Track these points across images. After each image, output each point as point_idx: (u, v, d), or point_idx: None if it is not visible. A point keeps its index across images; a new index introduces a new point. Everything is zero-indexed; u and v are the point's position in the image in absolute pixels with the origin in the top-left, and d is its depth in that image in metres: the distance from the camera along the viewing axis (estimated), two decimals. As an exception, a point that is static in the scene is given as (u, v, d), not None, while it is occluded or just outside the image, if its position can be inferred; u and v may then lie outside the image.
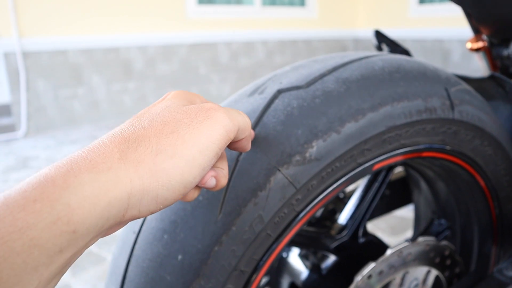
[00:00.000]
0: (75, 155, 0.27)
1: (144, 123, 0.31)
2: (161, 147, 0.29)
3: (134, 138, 0.29)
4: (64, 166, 0.25)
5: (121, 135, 0.29)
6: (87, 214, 0.24)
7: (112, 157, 0.27)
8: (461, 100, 0.57)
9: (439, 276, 0.66)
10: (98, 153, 0.27)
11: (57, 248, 0.23)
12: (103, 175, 0.26)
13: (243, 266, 0.45)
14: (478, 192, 0.70)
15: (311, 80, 0.49)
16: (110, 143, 0.28)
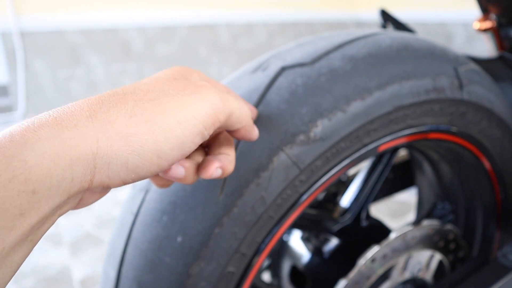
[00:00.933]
0: (43, 113, 0.25)
1: (126, 90, 0.29)
2: (137, 110, 0.27)
3: (110, 100, 0.27)
4: (26, 122, 0.23)
5: (97, 98, 0.27)
6: (46, 172, 0.22)
7: (81, 115, 0.25)
8: (470, 80, 0.55)
9: (442, 260, 0.65)
10: (66, 111, 0.25)
11: (16, 210, 0.21)
12: (66, 132, 0.24)
13: (244, 248, 0.43)
14: (484, 175, 0.69)
15: (316, 57, 0.47)
16: (82, 103, 0.26)
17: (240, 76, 0.49)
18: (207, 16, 4.83)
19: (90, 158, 0.24)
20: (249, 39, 5.18)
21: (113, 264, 0.48)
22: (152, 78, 0.32)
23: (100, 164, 0.25)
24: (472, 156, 0.65)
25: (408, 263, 0.60)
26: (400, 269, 0.60)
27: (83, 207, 0.29)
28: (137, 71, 4.59)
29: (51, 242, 1.85)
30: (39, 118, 0.24)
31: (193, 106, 0.29)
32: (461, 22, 4.60)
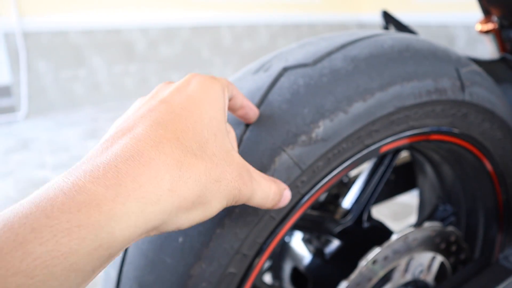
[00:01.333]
0: (123, 168, 0.25)
1: (197, 150, 0.29)
2: (205, 194, 0.29)
3: (186, 163, 0.28)
4: (112, 187, 0.24)
5: (172, 156, 0.27)
6: (127, 240, 0.24)
7: (163, 187, 0.26)
8: (472, 82, 0.55)
9: (444, 262, 0.65)
10: (149, 177, 0.25)
11: (91, 269, 0.23)
12: (150, 207, 0.25)
13: (245, 249, 0.43)
14: (485, 177, 0.69)
15: (318, 58, 0.47)
16: (162, 164, 0.26)
17: (242, 76, 0.49)
18: (210, 17, 4.84)
19: (161, 224, 0.27)
20: (251, 40, 5.19)
21: (113, 264, 0.48)
22: (214, 129, 0.32)
23: (167, 226, 0.28)
24: (474, 158, 0.65)
25: (410, 265, 0.60)
26: (401, 271, 0.60)
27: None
28: (139, 72, 4.60)
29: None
30: (125, 183, 0.24)
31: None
32: (463, 24, 4.60)
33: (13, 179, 2.59)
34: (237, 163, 0.33)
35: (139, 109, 0.31)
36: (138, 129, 0.28)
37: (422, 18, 5.05)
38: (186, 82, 0.34)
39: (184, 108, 0.31)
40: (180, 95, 0.32)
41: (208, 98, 0.33)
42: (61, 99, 4.23)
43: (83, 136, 3.44)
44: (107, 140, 0.28)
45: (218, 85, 0.34)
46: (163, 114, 0.30)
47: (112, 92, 4.52)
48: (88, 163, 0.25)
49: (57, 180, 0.24)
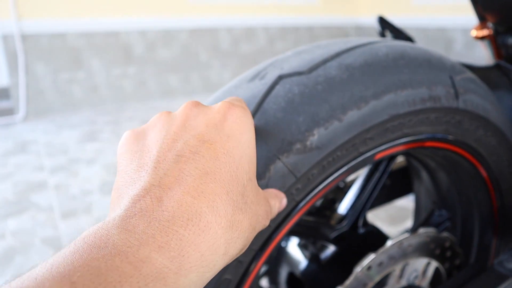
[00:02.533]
0: (185, 234, 0.24)
1: (241, 203, 0.29)
2: (246, 244, 0.30)
3: (236, 222, 0.28)
4: (176, 259, 0.24)
5: (226, 216, 0.27)
6: None
7: (219, 252, 0.26)
8: (466, 89, 0.56)
9: (438, 267, 0.66)
10: (208, 245, 0.25)
11: None
12: (208, 273, 0.26)
13: (241, 256, 0.44)
14: (480, 183, 0.69)
15: (313, 66, 0.47)
16: (219, 228, 0.26)
17: (238, 84, 0.50)
18: (208, 20, 4.85)
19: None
20: (250, 43, 5.20)
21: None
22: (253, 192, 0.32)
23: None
24: (469, 164, 0.65)
25: (405, 270, 0.61)
26: (396, 276, 0.60)
27: None
28: (137, 75, 4.60)
29: (51, 247, 1.85)
30: (188, 258, 0.24)
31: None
32: (461, 28, 4.61)
33: (12, 182, 2.59)
34: (262, 200, 0.33)
35: (175, 144, 0.29)
36: (188, 179, 0.27)
37: (420, 21, 5.06)
38: (222, 116, 0.32)
39: (227, 153, 0.29)
40: (220, 135, 0.30)
41: (245, 139, 0.31)
42: (60, 101, 4.23)
43: (82, 138, 3.44)
44: (153, 185, 0.26)
45: (250, 120, 0.33)
46: (207, 161, 0.28)
47: (111, 94, 4.52)
48: (144, 221, 0.24)
49: (115, 238, 0.23)
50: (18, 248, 1.85)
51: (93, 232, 0.23)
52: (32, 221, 2.09)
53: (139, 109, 4.37)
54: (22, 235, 1.96)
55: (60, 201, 2.30)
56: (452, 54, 4.68)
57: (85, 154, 3.06)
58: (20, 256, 1.79)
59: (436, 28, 4.93)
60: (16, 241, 1.91)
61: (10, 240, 1.92)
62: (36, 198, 2.35)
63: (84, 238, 0.23)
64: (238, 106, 0.33)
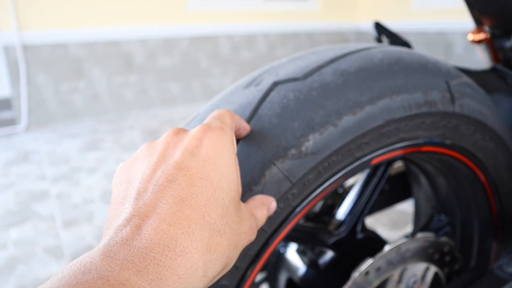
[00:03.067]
0: (162, 259, 0.26)
1: (220, 225, 0.30)
2: (228, 263, 0.31)
3: (214, 245, 0.29)
4: (155, 282, 0.25)
5: (202, 240, 0.28)
6: None
7: (197, 274, 0.28)
8: (462, 93, 0.56)
9: (438, 272, 0.65)
10: (185, 269, 0.27)
11: None
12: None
13: (237, 261, 0.44)
14: (479, 187, 0.69)
15: (308, 72, 0.47)
16: (195, 252, 0.28)
17: (233, 91, 0.50)
18: (208, 28, 4.87)
19: None
20: (250, 50, 5.21)
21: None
22: (232, 209, 0.33)
23: None
24: (467, 169, 0.65)
25: (403, 275, 0.60)
26: (395, 281, 0.60)
27: None
28: (139, 83, 4.62)
29: (52, 256, 1.85)
30: (166, 280, 0.26)
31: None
32: (460, 31, 4.62)
33: (14, 191, 2.59)
34: (246, 216, 0.34)
35: (154, 174, 0.31)
36: (163, 207, 0.28)
37: (419, 25, 5.07)
38: (197, 140, 0.33)
39: (203, 178, 0.30)
40: (196, 161, 0.31)
41: (222, 161, 0.32)
42: (61, 111, 4.24)
43: (83, 147, 3.45)
44: (133, 215, 0.28)
45: (228, 140, 0.34)
46: (183, 188, 0.29)
47: (112, 103, 4.53)
48: (125, 248, 0.26)
49: (98, 264, 0.24)
50: (20, 258, 1.84)
51: (79, 260, 0.25)
52: (34, 231, 2.09)
53: (140, 118, 4.38)
54: (24, 244, 1.96)
55: (62, 210, 2.30)
56: (452, 57, 4.68)
57: (87, 163, 3.06)
58: (22, 265, 1.79)
59: (436, 32, 4.94)
60: (18, 250, 1.91)
61: (12, 249, 1.92)
62: (38, 207, 2.36)
63: (70, 266, 0.25)
64: (214, 128, 0.34)
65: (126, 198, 0.30)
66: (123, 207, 0.29)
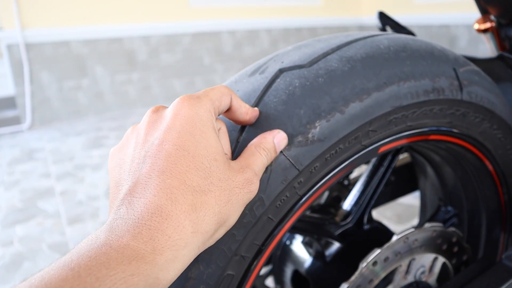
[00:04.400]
0: (152, 224, 0.30)
1: (204, 186, 0.33)
2: (222, 217, 0.34)
3: (199, 203, 0.32)
4: (149, 242, 0.29)
5: (185, 202, 0.32)
6: (169, 280, 0.30)
7: (186, 232, 0.31)
8: (470, 81, 0.55)
9: (446, 263, 0.65)
10: (173, 228, 0.30)
11: None
12: (182, 251, 0.30)
13: (243, 251, 0.43)
14: (487, 177, 0.68)
15: (314, 59, 0.47)
16: (180, 213, 0.31)
17: (238, 79, 0.49)
18: (210, 23, 4.86)
19: (194, 256, 0.34)
20: (252, 45, 5.20)
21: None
22: (214, 165, 0.35)
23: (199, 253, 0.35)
24: (474, 158, 0.65)
25: (411, 266, 0.60)
26: (403, 272, 0.59)
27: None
28: (142, 81, 4.62)
29: (58, 252, 1.85)
30: (157, 236, 0.29)
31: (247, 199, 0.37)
32: (464, 24, 4.60)
33: (19, 189, 2.60)
34: (238, 170, 0.36)
35: (140, 154, 0.34)
36: (149, 182, 0.32)
37: (423, 18, 5.05)
38: (172, 114, 0.36)
39: (179, 148, 0.33)
40: (172, 134, 0.34)
41: (196, 129, 0.35)
42: (65, 109, 4.25)
43: (87, 145, 3.45)
44: (126, 195, 0.32)
45: (203, 109, 0.36)
46: (163, 161, 0.33)
47: (115, 100, 4.53)
48: (122, 220, 0.30)
49: (102, 237, 0.29)
50: (26, 254, 1.85)
51: (86, 238, 0.30)
52: (40, 227, 2.09)
53: (143, 114, 4.37)
54: (30, 241, 1.97)
55: (66, 207, 2.30)
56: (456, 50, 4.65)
57: (91, 160, 3.07)
58: (28, 262, 1.79)
59: (439, 25, 4.92)
60: (24, 247, 1.92)
61: (18, 246, 1.93)
62: (43, 204, 2.36)
63: (78, 244, 0.29)
64: (189, 99, 0.36)
65: (120, 181, 0.34)
66: (119, 190, 0.33)
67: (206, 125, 0.36)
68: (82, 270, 0.26)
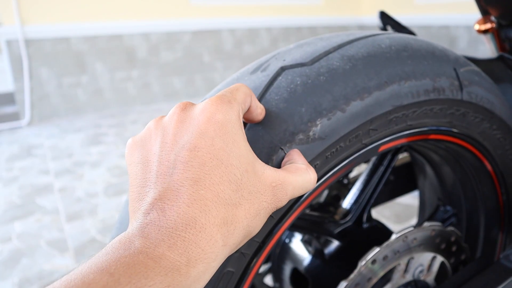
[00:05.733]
0: (186, 236, 0.29)
1: (235, 199, 0.33)
2: (250, 230, 0.34)
3: (230, 218, 0.32)
4: (183, 254, 0.29)
5: (218, 216, 0.31)
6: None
7: (217, 245, 0.31)
8: (470, 81, 0.55)
9: (444, 262, 0.65)
10: (207, 241, 0.30)
11: None
12: (212, 263, 0.31)
13: (243, 248, 0.43)
14: (485, 177, 0.69)
15: (316, 57, 0.47)
16: (213, 227, 0.31)
17: (240, 76, 0.50)
18: (211, 22, 4.86)
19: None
20: (253, 44, 5.20)
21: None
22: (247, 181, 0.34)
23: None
24: (474, 158, 0.65)
25: (410, 265, 0.60)
26: (401, 270, 0.59)
27: None
28: (141, 78, 4.62)
29: (56, 249, 1.85)
30: (190, 249, 0.29)
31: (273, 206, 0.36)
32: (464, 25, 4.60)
33: (17, 185, 2.60)
34: (269, 185, 0.35)
35: (169, 156, 0.33)
36: (181, 190, 0.31)
37: (423, 19, 5.05)
38: (205, 117, 0.34)
39: (213, 157, 0.32)
40: (205, 140, 0.33)
41: (229, 137, 0.34)
42: (64, 105, 4.25)
43: (86, 142, 3.45)
44: (156, 199, 0.31)
45: (234, 115, 0.35)
46: (196, 169, 0.32)
47: (115, 98, 4.53)
48: (155, 227, 0.30)
49: (136, 243, 0.28)
50: (24, 251, 1.85)
51: (118, 240, 0.29)
52: (38, 224, 2.09)
53: (143, 112, 4.39)
54: (28, 237, 1.97)
55: (65, 203, 2.30)
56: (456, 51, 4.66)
57: (90, 157, 3.07)
58: (26, 258, 1.79)
59: (439, 25, 4.92)
60: (22, 243, 1.92)
61: (16, 242, 1.93)
62: (42, 201, 2.36)
63: (111, 244, 0.29)
64: (221, 102, 0.35)
65: (146, 182, 0.33)
66: (145, 191, 0.33)
67: (238, 133, 0.35)
68: (122, 277, 0.26)
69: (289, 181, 0.37)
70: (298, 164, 0.39)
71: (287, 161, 0.40)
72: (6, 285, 1.62)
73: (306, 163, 0.40)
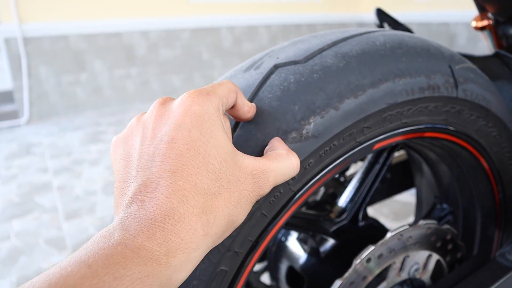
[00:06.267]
0: (165, 226, 0.30)
1: (214, 188, 0.33)
2: (232, 219, 0.34)
3: (209, 206, 0.32)
4: (163, 244, 0.29)
5: (197, 205, 0.32)
6: (181, 280, 0.31)
7: (197, 234, 0.31)
8: (465, 79, 0.55)
9: (440, 260, 0.65)
10: (186, 231, 0.30)
11: None
12: (193, 253, 0.31)
13: (237, 247, 0.43)
14: (482, 175, 0.68)
15: (310, 55, 0.47)
16: (192, 216, 0.31)
17: (233, 74, 0.49)
18: (210, 19, 4.85)
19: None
20: (252, 41, 5.19)
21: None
22: (224, 167, 0.34)
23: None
24: (470, 156, 0.65)
25: (405, 263, 0.60)
26: (397, 269, 0.59)
27: None
28: (140, 76, 4.61)
29: (55, 247, 1.85)
30: (170, 239, 0.30)
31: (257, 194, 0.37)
32: (463, 22, 4.59)
33: (16, 184, 2.60)
34: (249, 173, 0.35)
35: (148, 150, 0.34)
36: (160, 182, 0.31)
37: (422, 16, 5.04)
38: (182, 110, 0.35)
39: (190, 148, 0.33)
40: (182, 132, 0.33)
41: (206, 128, 0.34)
42: (63, 103, 4.24)
43: (85, 140, 3.45)
44: (136, 192, 0.32)
45: (212, 107, 0.35)
46: (174, 160, 0.32)
47: (114, 96, 4.52)
48: (135, 219, 0.30)
49: (116, 235, 0.29)
50: (23, 249, 1.85)
51: (99, 234, 0.30)
52: (37, 222, 2.09)
53: (142, 110, 4.37)
54: (27, 235, 1.97)
55: (64, 202, 2.30)
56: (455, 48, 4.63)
57: (89, 155, 3.06)
58: (25, 256, 1.79)
59: (438, 23, 4.91)
60: (20, 241, 1.92)
61: (14, 241, 1.93)
62: (40, 199, 2.36)
63: (92, 239, 0.29)
64: (199, 94, 0.36)
65: (128, 176, 0.34)
66: (126, 186, 0.33)
67: (216, 124, 0.35)
68: (100, 268, 0.26)
69: (271, 168, 0.37)
70: (279, 150, 0.39)
71: (268, 149, 0.40)
72: (4, 284, 1.62)
73: (287, 148, 0.40)
